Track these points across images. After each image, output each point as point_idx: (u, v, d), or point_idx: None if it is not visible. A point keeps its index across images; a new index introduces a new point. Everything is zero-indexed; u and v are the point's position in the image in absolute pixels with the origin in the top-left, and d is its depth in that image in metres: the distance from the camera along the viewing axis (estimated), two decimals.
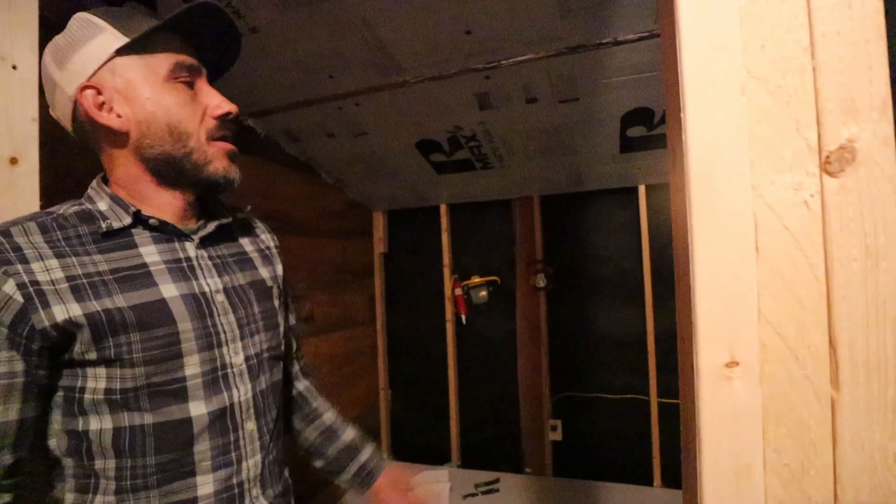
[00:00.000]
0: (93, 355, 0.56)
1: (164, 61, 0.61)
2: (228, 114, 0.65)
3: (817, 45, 0.22)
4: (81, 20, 0.61)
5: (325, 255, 2.07)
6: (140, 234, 0.63)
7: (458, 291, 2.28)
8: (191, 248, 0.66)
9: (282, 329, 0.76)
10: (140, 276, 0.60)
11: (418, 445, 2.37)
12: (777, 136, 0.22)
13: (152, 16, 0.64)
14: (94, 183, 0.66)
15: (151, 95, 0.61)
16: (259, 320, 0.70)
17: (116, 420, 0.58)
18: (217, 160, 0.65)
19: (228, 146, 0.66)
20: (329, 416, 0.90)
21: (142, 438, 0.58)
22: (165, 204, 0.65)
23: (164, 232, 0.64)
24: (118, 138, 0.62)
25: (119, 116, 0.60)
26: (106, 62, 0.59)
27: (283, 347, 0.77)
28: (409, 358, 2.43)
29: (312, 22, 1.16)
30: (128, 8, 0.64)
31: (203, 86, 0.66)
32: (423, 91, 1.43)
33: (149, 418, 0.58)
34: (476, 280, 2.27)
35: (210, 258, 0.68)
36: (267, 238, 0.82)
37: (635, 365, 2.03)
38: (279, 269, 0.80)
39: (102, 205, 0.62)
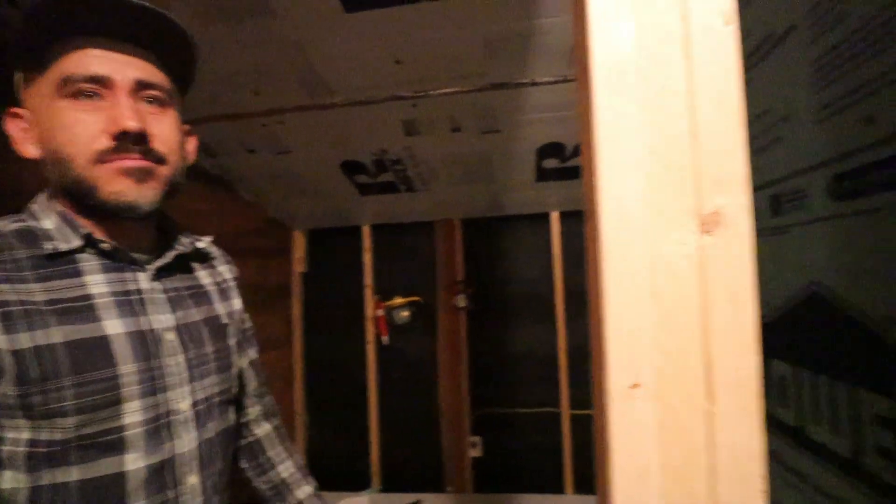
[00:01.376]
0: (15, 401, 0.48)
1: (53, 75, 0.53)
2: (124, 132, 0.54)
3: (699, 132, 0.28)
4: None
5: (242, 274, 1.99)
6: (87, 261, 0.56)
7: (380, 312, 2.28)
8: (144, 280, 0.60)
9: (235, 370, 0.70)
10: (81, 310, 0.53)
11: (337, 471, 2.32)
12: (669, 202, 0.27)
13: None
14: (39, 197, 0.58)
15: (44, 117, 0.54)
16: (211, 361, 0.64)
17: (36, 478, 0.50)
18: (106, 183, 0.54)
19: (127, 163, 0.55)
20: (285, 468, 0.81)
21: (64, 498, 0.50)
22: (108, 234, 0.58)
23: (116, 259, 0.58)
24: (41, 165, 0.57)
25: (32, 144, 0.56)
26: (23, 84, 0.56)
27: (234, 390, 0.70)
28: (327, 381, 2.38)
29: (239, 37, 1.14)
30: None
31: (113, 98, 0.55)
32: (352, 114, 1.45)
33: (75, 474, 0.51)
34: (398, 300, 2.29)
35: (164, 291, 0.61)
36: (225, 270, 0.76)
37: (549, 380, 2.14)
38: (236, 303, 0.75)
39: (48, 223, 0.55)
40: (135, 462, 0.54)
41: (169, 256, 0.63)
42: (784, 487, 0.84)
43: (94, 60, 0.54)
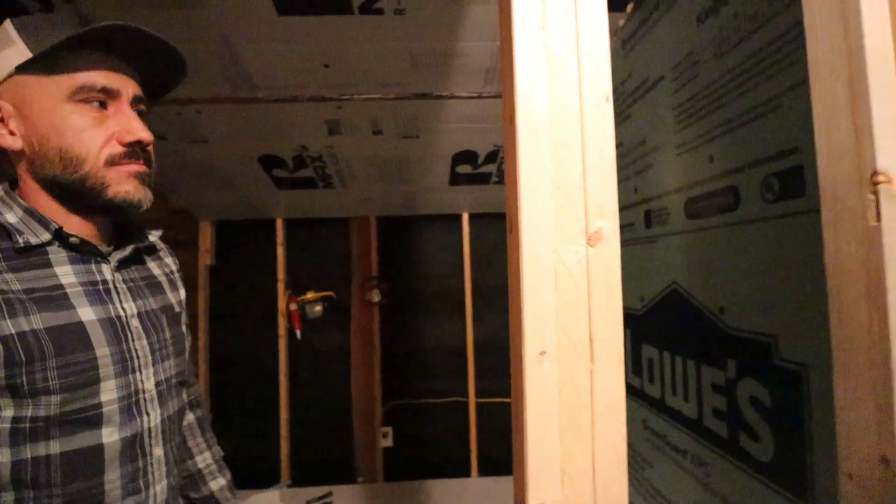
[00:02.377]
0: (1, 381, 0.52)
1: (67, 82, 0.59)
2: (139, 142, 0.63)
3: (587, 175, 0.40)
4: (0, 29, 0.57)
5: None
6: (56, 254, 0.59)
7: (293, 307, 2.29)
8: (107, 271, 0.64)
9: (187, 354, 0.76)
10: (56, 298, 0.57)
11: (244, 468, 2.27)
12: (567, 223, 0.39)
13: (77, 27, 0.60)
14: None
15: (48, 117, 0.58)
16: (170, 345, 0.70)
17: (17, 452, 0.53)
18: (117, 184, 0.62)
19: (134, 168, 0.63)
20: (202, 458, 0.87)
21: (47, 470, 0.54)
22: (76, 226, 0.62)
23: (83, 252, 0.61)
24: (14, 156, 0.59)
25: (12, 134, 0.58)
26: (7, 77, 0.57)
27: (186, 372, 0.77)
28: (235, 376, 2.33)
29: (162, 23, 1.13)
30: (55, 18, 0.61)
31: (118, 108, 0.62)
32: (275, 110, 1.47)
33: (55, 447, 0.55)
34: (311, 295, 2.30)
35: (124, 281, 0.66)
36: (170, 262, 0.80)
37: (457, 371, 2.29)
38: (182, 293, 0.80)
39: (12, 217, 0.58)
40: (111, 435, 0.59)
41: (128, 249, 0.67)
42: (650, 448, 1.03)
43: (107, 74, 0.61)
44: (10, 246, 0.56)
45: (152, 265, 0.75)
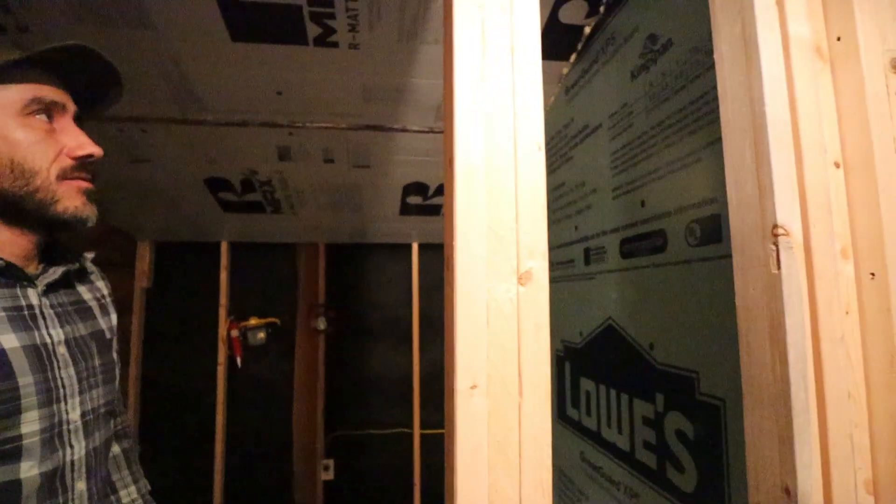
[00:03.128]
0: None
1: (19, 95, 0.58)
2: (90, 156, 0.62)
3: (520, 218, 0.42)
4: None
5: None
6: None
7: (235, 333, 2.20)
8: (33, 295, 0.60)
9: (117, 382, 0.73)
10: None
11: (173, 502, 2.13)
12: (499, 262, 0.41)
13: (13, 45, 0.60)
14: None
15: None
16: (99, 374, 0.67)
17: None
18: (67, 199, 0.61)
19: (83, 184, 0.63)
20: (127, 493, 0.82)
21: None
22: (6, 243, 0.59)
23: (6, 276, 0.58)
24: None
25: None
26: None
27: (116, 401, 0.73)
28: (169, 405, 2.20)
29: (108, 40, 1.10)
30: None
31: (65, 123, 0.62)
32: (224, 133, 1.44)
33: None
34: (254, 321, 2.23)
35: (52, 306, 0.62)
36: (102, 286, 0.77)
37: (403, 401, 2.26)
38: (114, 318, 0.76)
39: None
40: (29, 470, 0.55)
41: (58, 273, 0.64)
42: (587, 480, 1.05)
43: (53, 89, 0.61)
44: None
45: (82, 289, 0.72)
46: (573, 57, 1.08)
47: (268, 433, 2.22)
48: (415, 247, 2.33)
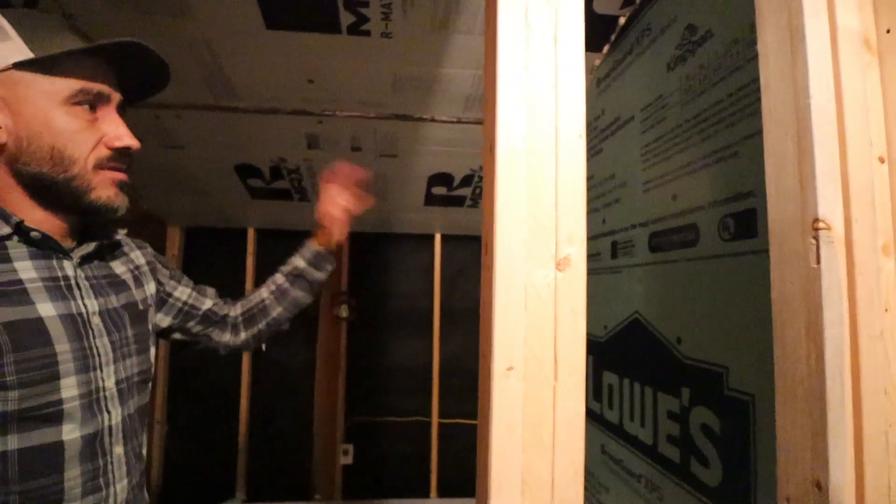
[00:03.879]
0: None
1: (67, 85, 0.59)
2: (128, 148, 0.64)
3: (559, 204, 0.42)
4: None
5: None
6: (15, 248, 0.58)
7: None
8: (69, 267, 0.63)
9: (152, 352, 0.75)
10: (15, 293, 0.56)
11: (198, 483, 2.20)
12: (538, 247, 0.42)
13: (67, 30, 0.60)
14: None
15: (42, 115, 0.58)
16: (132, 343, 0.69)
17: None
18: (101, 188, 0.62)
19: (118, 175, 0.64)
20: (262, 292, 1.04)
21: (3, 466, 0.53)
22: (41, 221, 0.61)
23: (43, 247, 0.60)
24: None
25: None
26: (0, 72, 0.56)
27: (152, 370, 0.75)
28: (195, 388, 2.27)
29: (147, 29, 1.13)
30: (41, 15, 0.61)
31: (107, 113, 0.63)
32: (255, 120, 1.47)
33: (13, 443, 0.54)
34: None
35: (86, 278, 0.65)
36: (138, 256, 0.79)
37: (421, 390, 2.28)
38: (151, 287, 0.78)
39: None
40: (71, 432, 0.58)
41: (91, 246, 0.66)
42: (608, 473, 1.05)
43: (102, 82, 0.62)
44: None
45: (116, 263, 0.74)
46: (606, 48, 1.07)
47: (289, 417, 2.27)
48: (437, 238, 2.34)
